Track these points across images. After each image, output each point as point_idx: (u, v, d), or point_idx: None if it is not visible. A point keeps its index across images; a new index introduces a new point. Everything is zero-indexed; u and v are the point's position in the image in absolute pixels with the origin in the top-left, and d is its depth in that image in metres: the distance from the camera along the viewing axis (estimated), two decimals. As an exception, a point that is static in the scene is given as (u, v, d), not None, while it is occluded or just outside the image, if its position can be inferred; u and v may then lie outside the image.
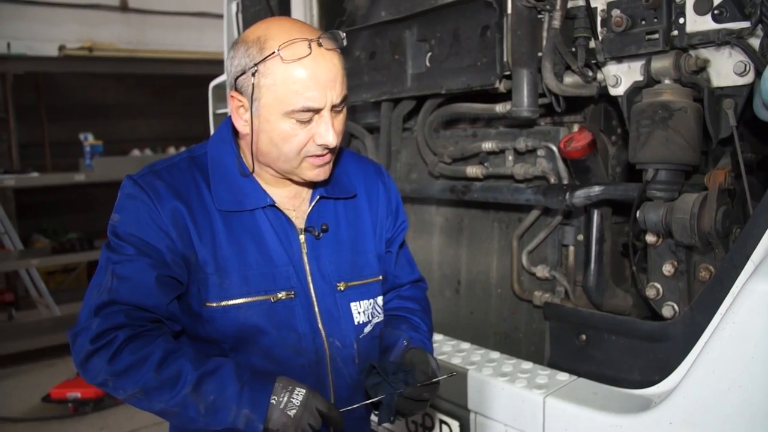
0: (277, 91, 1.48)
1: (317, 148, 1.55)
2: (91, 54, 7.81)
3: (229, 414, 1.43)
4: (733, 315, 1.56)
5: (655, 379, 1.84)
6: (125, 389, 1.43)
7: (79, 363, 1.46)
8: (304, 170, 1.60)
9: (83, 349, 1.44)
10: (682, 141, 1.79)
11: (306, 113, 1.50)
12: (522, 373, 2.08)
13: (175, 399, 1.42)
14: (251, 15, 3.45)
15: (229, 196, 1.60)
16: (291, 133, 1.52)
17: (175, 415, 1.46)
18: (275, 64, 1.48)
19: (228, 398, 1.43)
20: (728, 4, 1.71)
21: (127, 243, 1.51)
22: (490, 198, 2.36)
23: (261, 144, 1.56)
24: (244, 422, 1.43)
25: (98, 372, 1.43)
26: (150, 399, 1.44)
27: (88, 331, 1.44)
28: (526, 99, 2.09)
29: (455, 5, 2.34)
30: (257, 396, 1.44)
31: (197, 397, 1.42)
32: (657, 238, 1.94)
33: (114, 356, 1.42)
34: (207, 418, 1.44)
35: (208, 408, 1.43)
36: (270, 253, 1.62)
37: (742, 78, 1.75)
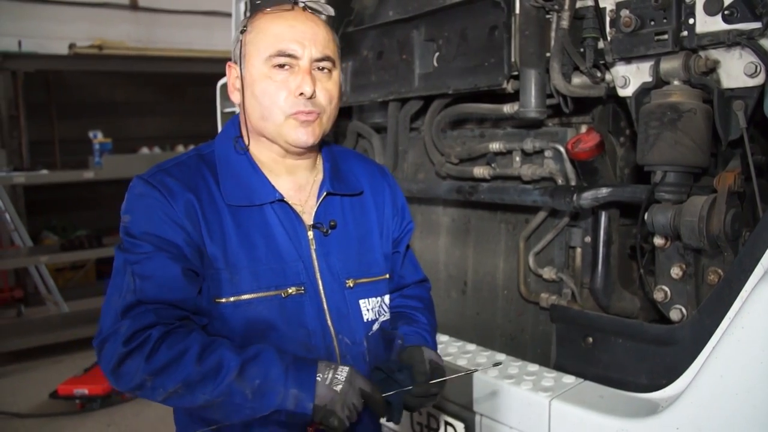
0: (257, 41, 1.56)
1: (297, 101, 1.56)
2: (100, 52, 7.83)
3: (277, 395, 1.43)
4: (742, 319, 1.54)
5: (663, 383, 1.82)
6: (165, 386, 1.42)
7: (111, 369, 1.42)
8: (289, 130, 1.59)
9: (115, 353, 1.41)
10: (690, 143, 1.77)
11: (283, 58, 1.55)
12: (528, 376, 2.07)
13: (219, 388, 1.41)
14: (259, 14, 3.44)
15: (238, 192, 1.61)
16: (271, 84, 1.56)
17: (221, 405, 1.44)
18: (259, 18, 1.57)
19: (274, 380, 1.43)
20: (739, 5, 1.69)
21: (142, 241, 1.50)
22: (497, 199, 2.34)
23: (248, 106, 1.60)
24: (294, 402, 1.43)
25: (135, 374, 1.41)
26: (193, 392, 1.42)
27: (117, 335, 1.42)
28: (533, 100, 2.07)
29: (463, 5, 2.32)
30: (303, 375, 1.45)
31: (242, 383, 1.42)
32: (665, 240, 1.92)
33: (151, 354, 1.40)
34: (254, 403, 1.43)
35: (255, 392, 1.43)
36: (279, 248, 1.62)
37: (753, 79, 1.73)
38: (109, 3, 8.49)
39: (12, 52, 7.61)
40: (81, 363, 5.47)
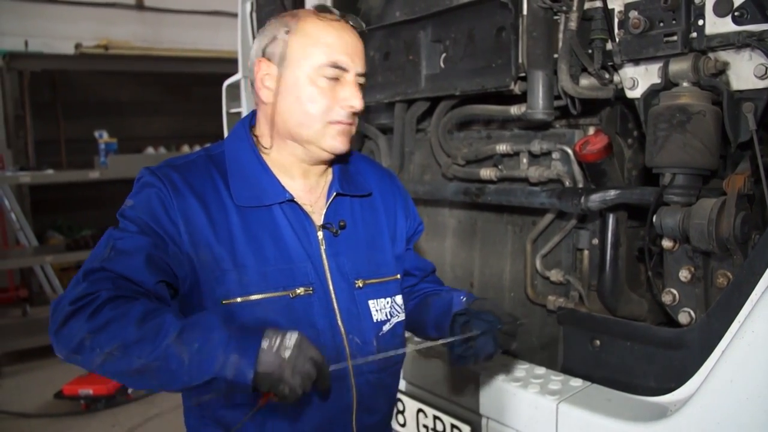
0: (307, 47, 1.57)
1: (341, 112, 1.61)
2: (106, 52, 7.87)
3: (215, 361, 1.33)
4: (753, 323, 1.53)
5: (671, 386, 1.81)
6: (102, 346, 1.34)
7: (55, 329, 1.38)
8: (326, 138, 1.63)
9: (63, 311, 1.38)
10: (700, 145, 1.76)
11: (334, 70, 1.58)
12: (535, 379, 2.06)
13: (155, 351, 1.33)
14: (265, 14, 3.44)
15: (248, 192, 1.62)
16: (318, 92, 1.59)
17: (156, 370, 1.34)
18: (309, 22, 1.59)
19: (214, 345, 1.34)
20: (749, 6, 1.67)
21: (132, 222, 1.51)
22: (503, 201, 2.33)
23: (285, 108, 1.61)
24: (233, 370, 1.33)
25: (76, 333, 1.35)
26: (129, 355, 1.34)
27: (68, 297, 1.40)
28: (541, 101, 2.06)
29: (470, 6, 2.31)
30: (246, 340, 1.36)
31: (180, 347, 1.34)
32: (674, 243, 1.91)
33: (94, 313, 1.36)
34: (190, 368, 1.33)
35: (192, 357, 1.33)
36: (288, 249, 1.63)
37: (763, 81, 1.71)
38: (115, 3, 8.51)
39: (18, 51, 7.64)
40: (87, 363, 5.47)
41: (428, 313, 1.90)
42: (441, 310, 1.85)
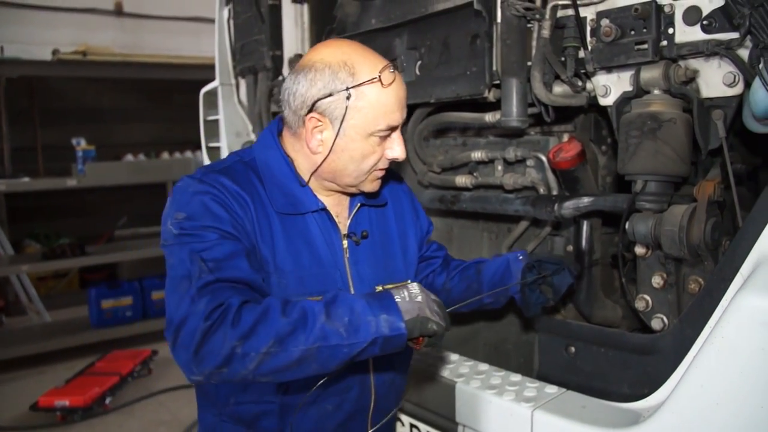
0: (367, 113, 1.60)
1: (385, 162, 1.70)
2: (85, 58, 7.77)
3: (370, 325, 1.44)
4: (722, 329, 1.53)
5: (645, 392, 1.81)
6: (258, 348, 1.38)
7: (193, 351, 1.36)
8: (367, 183, 1.72)
9: (197, 330, 1.37)
10: (671, 152, 1.77)
11: (388, 131, 1.65)
12: (510, 386, 2.06)
13: (313, 334, 1.41)
14: (243, 21, 3.45)
15: (283, 200, 1.67)
16: (371, 150, 1.65)
17: (317, 352, 1.42)
18: (373, 88, 1.60)
19: (361, 312, 1.45)
20: (717, 15, 1.69)
21: (205, 232, 1.52)
22: (478, 208, 2.34)
23: (338, 162, 1.66)
24: (387, 326, 1.45)
25: (222, 345, 1.36)
26: (287, 347, 1.40)
27: (196, 314, 1.39)
28: (515, 109, 2.06)
29: (445, 13, 2.32)
30: (384, 301, 1.49)
31: (333, 323, 1.43)
32: (646, 249, 1.92)
33: (235, 320, 1.39)
34: (350, 339, 1.43)
35: (348, 329, 1.43)
36: (320, 255, 1.70)
37: (732, 89, 1.73)
38: (94, 9, 8.42)
39: (-6, 57, 7.56)
40: (63, 374, 5.41)
41: (482, 280, 2.00)
42: (499, 270, 1.97)
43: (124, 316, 6.53)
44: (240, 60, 3.53)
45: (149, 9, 8.90)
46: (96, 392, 5.00)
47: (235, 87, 3.68)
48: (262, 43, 3.26)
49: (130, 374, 5.52)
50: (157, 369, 5.87)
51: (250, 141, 3.57)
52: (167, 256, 1.55)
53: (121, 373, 5.41)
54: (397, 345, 1.48)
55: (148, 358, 5.86)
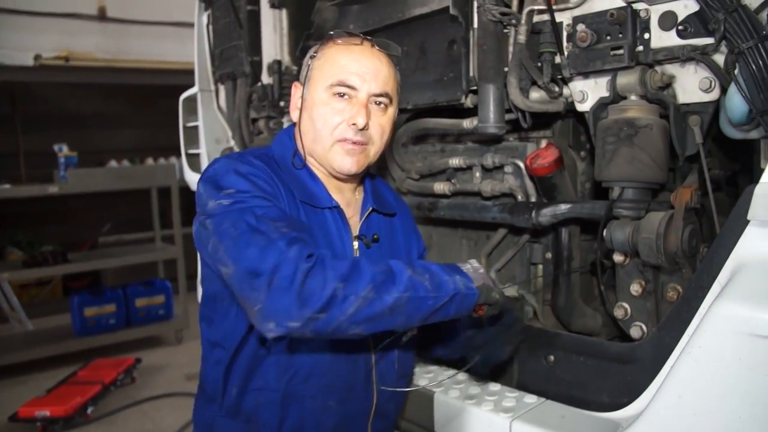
0: (324, 68, 1.70)
1: (348, 129, 1.68)
2: (67, 63, 7.71)
3: (449, 283, 1.54)
4: (699, 339, 1.51)
5: (624, 401, 1.79)
6: (357, 291, 1.42)
7: (296, 292, 1.37)
8: (335, 155, 1.71)
9: (297, 272, 1.39)
10: (647, 159, 1.75)
11: (342, 87, 1.67)
12: (489, 396, 2.03)
13: (404, 284, 1.47)
14: (222, 27, 3.42)
15: (303, 192, 1.71)
16: (329, 110, 1.68)
17: (407, 301, 1.47)
18: (329, 47, 1.72)
19: (438, 273, 1.56)
20: (692, 20, 1.67)
21: (262, 200, 1.56)
22: (456, 216, 2.31)
23: (304, 127, 1.74)
24: (464, 286, 1.56)
25: (324, 286, 1.39)
26: (382, 294, 1.44)
27: (291, 260, 1.40)
28: (492, 115, 2.04)
29: (422, 19, 2.30)
30: (453, 268, 1.62)
31: (418, 278, 1.50)
32: (624, 257, 1.90)
33: (333, 264, 1.43)
34: (434, 292, 1.51)
35: (432, 283, 1.51)
36: (336, 251, 1.72)
37: (708, 94, 1.72)
38: (77, 14, 8.35)
39: (-25, 63, 7.48)
40: (45, 383, 5.32)
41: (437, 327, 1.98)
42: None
43: (107, 324, 6.45)
44: (219, 66, 3.50)
45: (133, 14, 8.83)
46: (78, 402, 4.92)
47: (215, 93, 3.64)
48: (240, 48, 3.23)
49: (113, 383, 5.45)
50: (141, 377, 5.81)
51: (229, 147, 3.54)
52: (217, 225, 1.53)
53: (104, 381, 5.33)
54: (469, 304, 1.58)
55: (131, 367, 5.80)
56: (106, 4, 8.49)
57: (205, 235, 1.57)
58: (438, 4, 2.17)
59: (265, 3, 3.14)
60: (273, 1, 3.09)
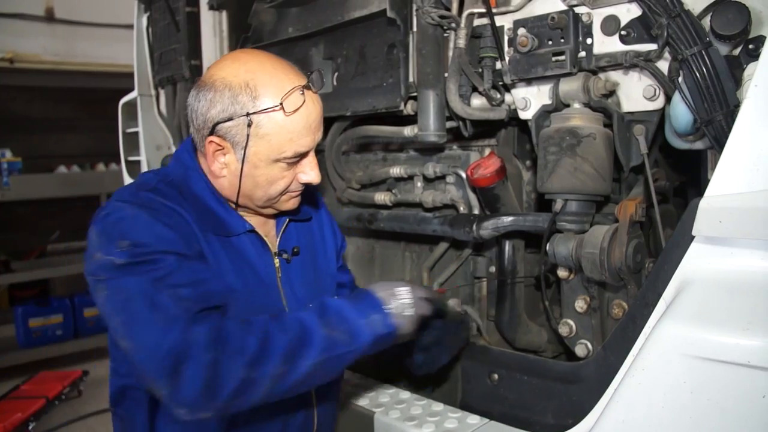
0: (271, 140, 1.50)
1: (299, 185, 1.62)
2: (12, 65, 7.46)
3: (365, 327, 1.49)
4: (643, 361, 1.44)
5: (569, 422, 1.71)
6: (267, 371, 1.35)
7: (202, 385, 1.29)
8: (283, 203, 1.64)
9: (202, 364, 1.29)
10: (590, 169, 1.67)
11: (296, 158, 1.55)
12: (431, 416, 1.94)
13: (317, 347, 1.41)
14: (161, 29, 3.29)
15: (212, 222, 1.58)
16: (279, 176, 1.56)
17: (326, 362, 1.43)
18: (274, 116, 1.49)
19: (353, 320, 1.49)
20: (635, 25, 1.60)
21: (159, 256, 1.39)
22: (396, 228, 2.21)
23: (244, 186, 1.57)
24: (381, 323, 1.52)
25: (231, 376, 1.32)
26: (296, 364, 1.39)
27: (196, 346, 1.30)
28: (432, 122, 1.95)
29: (361, 22, 2.19)
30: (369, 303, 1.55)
31: (334, 330, 1.45)
32: (569, 272, 1.82)
33: (241, 346, 1.34)
34: (353, 344, 1.47)
35: (349, 334, 1.47)
36: (260, 275, 1.63)
37: (652, 103, 1.65)
38: (23, 14, 8.10)
39: None
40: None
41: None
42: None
43: (53, 335, 6.25)
44: (159, 70, 3.37)
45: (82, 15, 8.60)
46: (18, 418, 4.71)
47: (155, 98, 3.50)
48: (179, 52, 3.10)
49: (57, 397, 5.24)
50: (88, 390, 5.61)
51: (170, 154, 3.40)
52: (111, 290, 1.38)
53: (48, 396, 5.13)
54: (390, 340, 1.55)
55: (78, 379, 5.59)
56: (54, 5, 8.25)
57: (98, 297, 1.42)
58: (377, 6, 2.06)
59: (205, 5, 3.02)
60: (212, 3, 2.97)
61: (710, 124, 1.43)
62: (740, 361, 1.26)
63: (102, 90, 8.56)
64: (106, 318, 1.42)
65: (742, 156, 1.33)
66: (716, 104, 1.41)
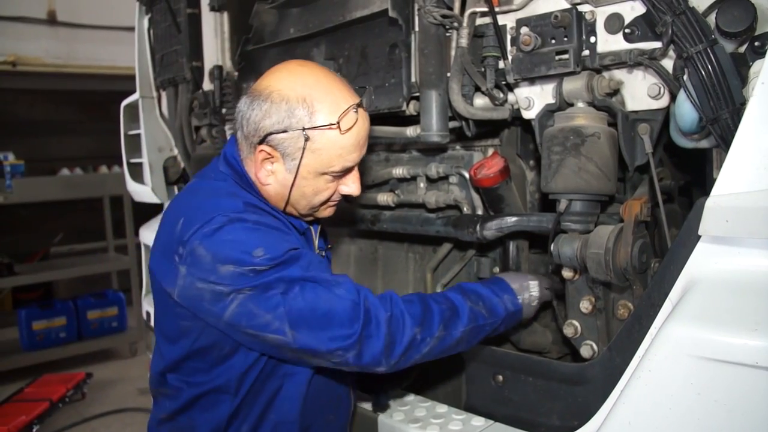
0: (322, 155, 1.57)
1: (339, 196, 1.70)
2: (14, 69, 7.47)
3: (500, 305, 1.73)
4: (649, 362, 1.42)
5: (575, 424, 1.69)
6: (432, 333, 1.58)
7: (383, 341, 1.52)
8: (322, 212, 1.73)
9: (381, 323, 1.52)
10: (595, 169, 1.65)
11: (342, 172, 1.63)
12: (435, 418, 1.94)
13: (466, 317, 1.65)
14: (162, 31, 3.28)
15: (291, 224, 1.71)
16: (323, 188, 1.64)
17: (471, 331, 1.66)
18: (329, 133, 1.55)
19: (489, 297, 1.73)
20: (639, 23, 1.58)
21: (296, 253, 1.53)
22: (399, 228, 2.20)
23: (291, 195, 1.64)
24: (511, 303, 1.76)
25: (404, 332, 1.55)
26: (450, 330, 1.62)
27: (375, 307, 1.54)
28: (435, 123, 1.93)
29: (363, 22, 2.18)
30: (499, 285, 1.81)
31: (475, 305, 1.68)
32: (574, 273, 1.81)
33: (409, 311, 1.58)
34: (491, 318, 1.71)
35: (486, 309, 1.70)
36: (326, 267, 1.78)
37: (657, 101, 1.63)
38: (25, 17, 8.10)
39: None
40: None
41: None
42: None
43: (57, 338, 6.26)
44: (160, 72, 3.36)
45: (84, 18, 8.61)
46: (22, 421, 4.71)
47: (157, 100, 3.49)
48: (181, 54, 3.09)
49: (61, 400, 5.24)
50: (92, 393, 5.62)
51: (173, 156, 3.39)
52: (262, 291, 1.48)
53: (52, 398, 5.13)
54: (517, 319, 1.81)
55: (81, 382, 5.59)
56: (56, 8, 8.25)
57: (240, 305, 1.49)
58: (379, 6, 2.06)
59: (206, 6, 3.01)
60: (213, 4, 2.96)
61: (716, 123, 1.41)
62: (748, 362, 1.24)
63: (104, 92, 8.59)
64: (254, 321, 1.49)
65: (749, 154, 1.31)
66: (722, 102, 1.40)
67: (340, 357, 1.52)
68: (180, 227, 1.53)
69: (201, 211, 1.53)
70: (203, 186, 1.70)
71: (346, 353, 1.51)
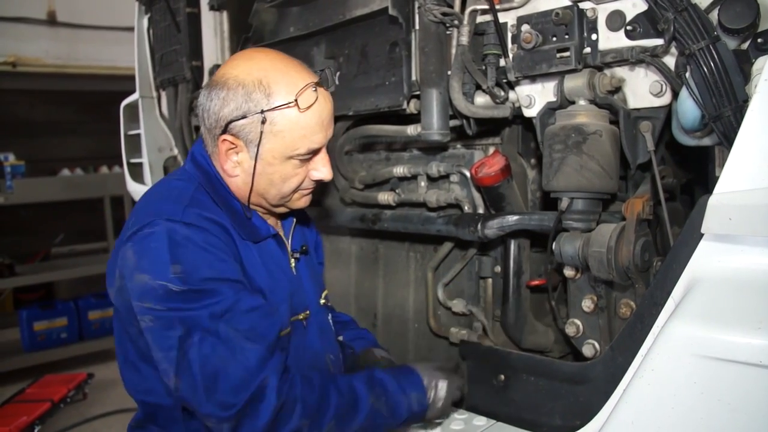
0: (285, 137, 1.52)
1: (311, 182, 1.64)
2: (14, 69, 7.46)
3: (403, 404, 1.61)
4: (652, 361, 1.42)
5: (577, 423, 1.69)
6: (321, 426, 1.48)
7: (265, 424, 1.40)
8: (295, 201, 1.67)
9: (270, 410, 1.41)
10: (597, 167, 1.64)
11: (309, 154, 1.58)
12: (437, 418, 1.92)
13: (364, 414, 1.53)
14: (162, 30, 3.27)
15: (244, 228, 1.62)
16: (292, 173, 1.58)
17: (367, 429, 1.55)
18: (291, 112, 1.51)
19: (394, 393, 1.61)
20: (641, 20, 1.58)
21: (215, 285, 1.44)
22: (400, 228, 2.19)
23: (257, 185, 1.59)
24: (416, 402, 1.64)
25: (289, 421, 1.44)
26: (342, 426, 1.51)
27: (267, 391, 1.41)
28: (435, 121, 1.93)
29: (363, 20, 2.17)
30: (410, 381, 1.67)
31: (378, 403, 1.56)
32: (575, 271, 1.80)
33: (303, 398, 1.46)
34: (390, 418, 1.59)
35: (388, 407, 1.58)
36: (288, 276, 1.70)
37: (659, 99, 1.63)
38: (25, 18, 8.09)
39: None
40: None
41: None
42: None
43: (58, 338, 6.25)
44: (160, 71, 3.35)
45: (85, 18, 8.60)
46: (23, 421, 4.70)
47: (157, 100, 3.49)
48: (180, 53, 3.09)
49: (62, 400, 5.23)
50: (93, 393, 5.60)
51: (173, 156, 3.38)
52: (166, 321, 1.42)
53: (53, 399, 5.12)
54: (420, 418, 1.69)
55: (83, 382, 5.57)
56: (56, 9, 8.24)
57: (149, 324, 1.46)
58: (378, 4, 2.05)
59: (205, 5, 3.00)
60: (212, 4, 2.95)
61: (718, 120, 1.40)
62: (752, 361, 1.23)
63: (104, 93, 8.56)
64: (153, 344, 1.46)
65: (752, 152, 1.31)
66: (724, 99, 1.39)
67: (213, 424, 1.43)
68: (126, 227, 1.54)
69: (144, 213, 1.51)
70: (161, 186, 1.67)
71: (220, 423, 1.41)
